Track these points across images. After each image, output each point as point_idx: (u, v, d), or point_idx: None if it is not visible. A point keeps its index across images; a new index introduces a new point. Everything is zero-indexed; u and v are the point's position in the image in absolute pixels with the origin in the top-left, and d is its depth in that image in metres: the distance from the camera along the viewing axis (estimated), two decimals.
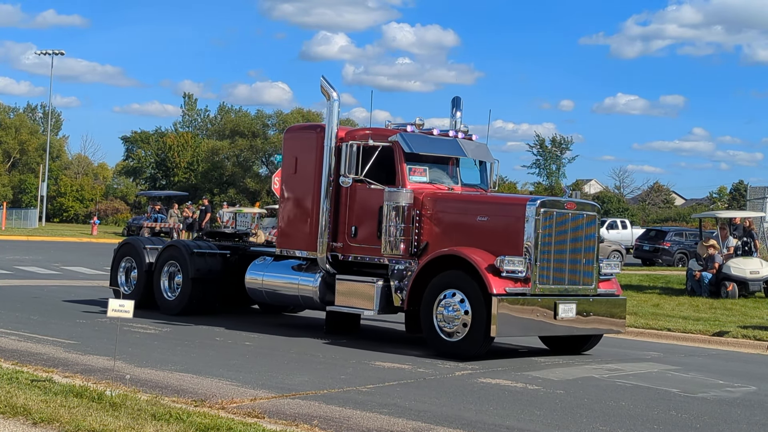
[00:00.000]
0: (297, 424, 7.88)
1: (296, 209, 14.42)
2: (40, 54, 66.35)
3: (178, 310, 15.41)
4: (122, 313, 8.91)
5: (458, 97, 15.42)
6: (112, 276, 16.74)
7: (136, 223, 49.38)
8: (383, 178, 13.24)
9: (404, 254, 12.87)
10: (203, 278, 15.37)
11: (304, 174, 14.14)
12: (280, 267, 14.46)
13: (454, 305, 12.00)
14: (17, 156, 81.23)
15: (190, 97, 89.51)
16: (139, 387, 9.02)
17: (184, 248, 15.59)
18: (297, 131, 15.53)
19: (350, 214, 13.58)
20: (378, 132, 13.63)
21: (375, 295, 13.00)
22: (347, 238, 13.59)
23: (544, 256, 12.15)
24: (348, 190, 13.52)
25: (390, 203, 12.82)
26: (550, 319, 12.14)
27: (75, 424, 7.25)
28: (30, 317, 14.46)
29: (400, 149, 13.20)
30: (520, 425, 8.38)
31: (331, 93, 13.70)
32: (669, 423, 8.82)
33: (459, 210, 13.10)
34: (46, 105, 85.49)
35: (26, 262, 26.39)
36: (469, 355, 11.87)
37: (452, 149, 13.79)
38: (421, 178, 13.42)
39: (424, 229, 12.93)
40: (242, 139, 70.20)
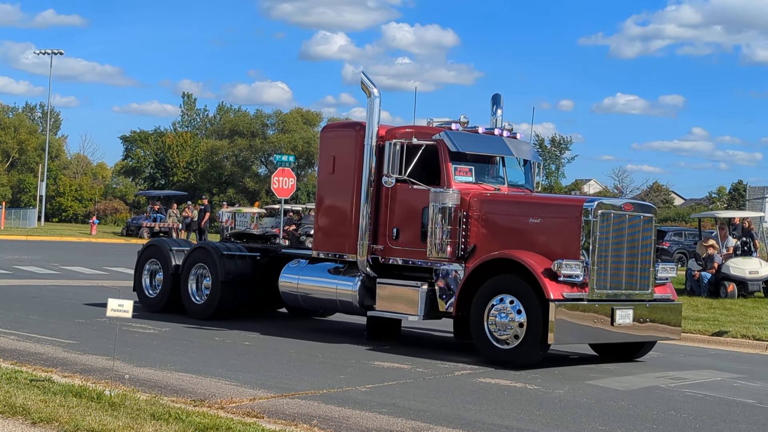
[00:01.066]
0: (296, 423, 7.88)
1: (334, 210, 13.98)
2: (39, 53, 66.36)
3: (207, 315, 14.92)
4: (121, 312, 8.90)
5: (498, 94, 14.86)
6: (136, 279, 16.27)
7: (136, 223, 49.41)
8: (426, 178, 12.77)
9: (451, 257, 12.37)
10: (233, 281, 14.88)
11: (342, 174, 13.64)
12: (316, 270, 13.97)
13: (508, 311, 11.53)
14: (16, 156, 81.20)
15: (189, 96, 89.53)
16: (138, 387, 9.02)
17: (213, 250, 15.07)
18: (335, 129, 14.99)
19: (391, 215, 13.12)
20: (421, 130, 13.14)
21: (419, 300, 12.51)
22: (388, 241, 13.12)
23: (601, 260, 11.69)
24: (389, 191, 13.07)
25: (436, 204, 12.34)
26: (607, 325, 11.65)
27: (74, 424, 7.24)
28: (29, 317, 14.45)
29: (445, 148, 12.72)
30: (519, 425, 8.38)
31: (371, 89, 13.26)
32: (669, 423, 8.82)
33: (509, 211, 12.60)
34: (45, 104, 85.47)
35: (25, 262, 26.38)
36: (524, 363, 11.40)
37: (499, 148, 13.34)
38: (466, 178, 12.93)
39: (471, 231, 12.44)
40: (241, 138, 70.19)
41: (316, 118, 72.66)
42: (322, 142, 14.49)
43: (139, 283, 16.22)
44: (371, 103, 13.24)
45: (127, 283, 21.37)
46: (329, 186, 14.04)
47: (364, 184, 13.18)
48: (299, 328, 14.54)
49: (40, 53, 66.07)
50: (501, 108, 14.58)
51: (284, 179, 26.70)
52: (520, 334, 11.43)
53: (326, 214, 14.15)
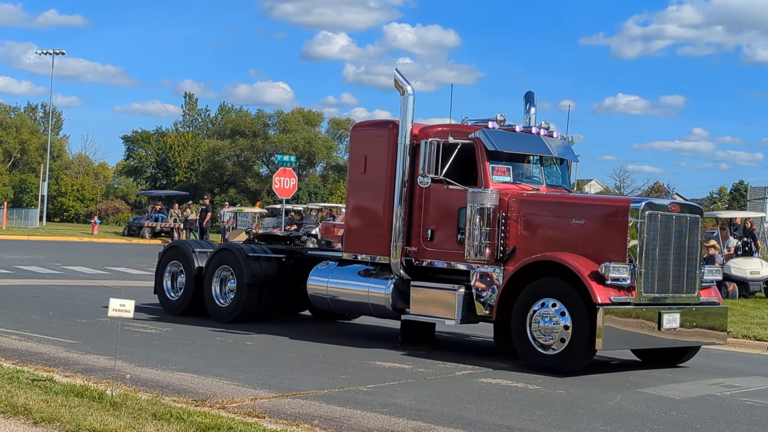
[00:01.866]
0: (297, 423, 7.88)
1: (366, 211, 13.63)
2: (41, 54, 66.38)
3: (232, 318, 14.57)
4: (123, 312, 8.91)
5: (531, 92, 14.36)
6: (157, 281, 15.88)
7: (137, 223, 49.44)
8: (461, 177, 12.40)
9: (489, 259, 12.00)
10: (259, 284, 14.54)
11: (374, 173, 13.27)
12: (345, 272, 13.57)
13: (552, 316, 11.17)
14: (18, 155, 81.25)
15: (190, 96, 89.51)
16: (139, 386, 9.02)
17: (238, 252, 14.70)
18: (366, 128, 14.37)
19: (425, 216, 12.75)
20: (457, 128, 12.71)
21: (456, 304, 12.15)
22: (422, 242, 12.76)
23: (648, 263, 11.31)
24: (423, 191, 12.71)
25: (474, 205, 11.99)
26: (654, 330, 11.31)
27: (76, 424, 7.25)
28: (30, 317, 14.46)
29: (482, 147, 12.33)
30: (520, 425, 8.38)
31: (405, 87, 12.83)
32: (669, 423, 8.82)
33: (551, 212, 12.20)
34: (46, 104, 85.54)
35: (27, 262, 26.40)
36: (569, 369, 11.08)
37: (537, 147, 12.97)
38: (504, 177, 12.53)
39: (510, 232, 12.05)
40: (243, 138, 70.21)
41: (318, 118, 72.72)
42: (353, 141, 14.13)
43: (160, 285, 15.85)
44: (405, 100, 12.84)
45: (129, 282, 21.45)
46: (360, 186, 13.67)
47: (398, 185, 12.84)
48: (300, 328, 14.54)
49: (42, 53, 66.11)
50: (534, 106, 14.16)
51: (285, 179, 26.73)
52: (566, 339, 11.07)
53: (357, 215, 13.83)
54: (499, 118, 12.87)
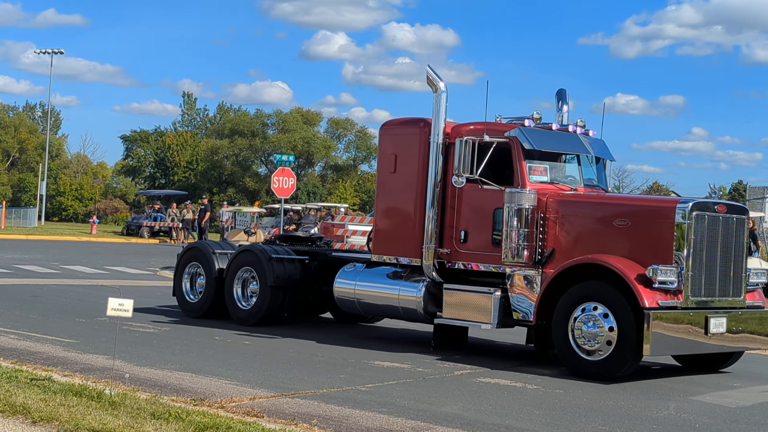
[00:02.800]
0: (296, 423, 7.88)
1: (396, 212, 13.23)
2: (40, 53, 66.35)
3: (255, 320, 14.27)
4: (121, 312, 8.90)
5: (563, 89, 14.02)
6: (176, 283, 15.55)
7: (136, 222, 49.42)
8: (496, 177, 12.04)
9: (527, 262, 11.64)
10: (282, 286, 14.21)
11: (405, 173, 12.92)
12: (374, 275, 13.22)
13: (596, 320, 10.81)
14: (16, 155, 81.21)
15: (189, 96, 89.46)
16: (138, 386, 9.02)
17: (261, 253, 14.35)
18: (396, 126, 13.69)
19: (459, 217, 12.39)
20: (493, 127, 12.30)
21: (492, 307, 11.82)
22: (455, 244, 12.39)
23: (695, 265, 10.98)
24: (456, 191, 12.35)
25: (511, 206, 11.61)
26: (701, 336, 10.95)
27: (74, 423, 7.25)
28: (29, 316, 14.46)
29: (519, 145, 11.97)
30: (519, 425, 8.38)
31: (438, 84, 12.47)
32: (668, 423, 8.82)
33: (592, 213, 11.85)
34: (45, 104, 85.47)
35: (25, 261, 26.38)
36: (615, 376, 10.72)
37: (575, 146, 12.65)
38: (541, 177, 12.16)
39: (548, 234, 11.70)
40: (241, 138, 70.19)
41: (316, 117, 72.69)
42: (383, 139, 13.65)
43: (179, 287, 15.50)
44: (437, 98, 12.49)
45: (127, 282, 21.45)
46: (390, 186, 13.27)
47: (430, 185, 12.49)
48: (300, 328, 14.51)
49: (40, 53, 66.09)
50: (567, 104, 13.79)
51: (284, 179, 26.72)
52: (611, 345, 10.73)
53: (387, 216, 13.43)
54: (536, 115, 12.55)
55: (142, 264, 27.78)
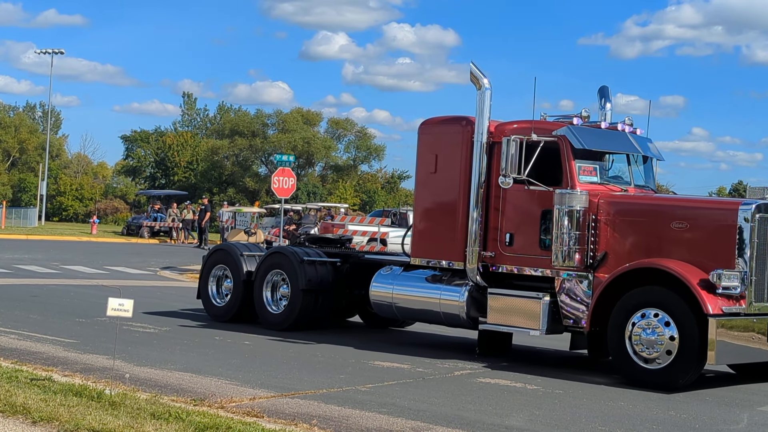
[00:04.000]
0: (296, 423, 7.89)
1: (437, 213, 12.76)
2: (40, 53, 66.32)
3: (286, 325, 13.87)
4: (121, 312, 8.91)
5: (606, 86, 13.50)
6: (201, 286, 15.15)
7: (136, 223, 49.40)
8: (543, 177, 11.63)
9: (579, 266, 11.23)
10: (315, 289, 13.81)
11: (446, 174, 12.49)
12: (412, 278, 12.84)
13: (656, 327, 10.41)
14: (17, 155, 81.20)
15: (189, 96, 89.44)
16: (138, 386, 9.03)
17: (292, 256, 13.94)
18: (437, 125, 13.10)
19: (504, 219, 11.96)
20: (540, 125, 11.88)
21: (541, 313, 11.38)
22: (500, 247, 11.96)
23: (759, 269, 10.55)
24: (502, 192, 11.93)
25: (562, 207, 11.20)
26: (764, 343, 10.60)
27: (74, 423, 7.25)
28: (29, 316, 14.46)
29: (568, 145, 11.55)
30: (519, 425, 8.39)
31: (481, 80, 12.09)
32: (668, 423, 8.83)
33: (648, 215, 11.37)
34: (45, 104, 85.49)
35: (26, 261, 26.38)
36: (676, 385, 10.30)
37: (624, 145, 12.24)
38: (590, 177, 11.72)
39: (600, 236, 11.29)
40: (241, 138, 70.16)
41: (316, 118, 72.66)
42: (422, 138, 13.05)
43: (205, 290, 15.09)
44: (481, 95, 12.08)
45: (128, 282, 21.45)
46: (430, 187, 12.81)
47: (474, 185, 12.05)
48: (300, 328, 14.50)
49: (40, 53, 66.05)
50: (610, 101, 13.30)
51: (284, 179, 26.69)
52: (671, 353, 10.33)
53: (427, 218, 12.95)
54: (584, 114, 12.18)
55: (143, 264, 27.78)
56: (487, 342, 12.43)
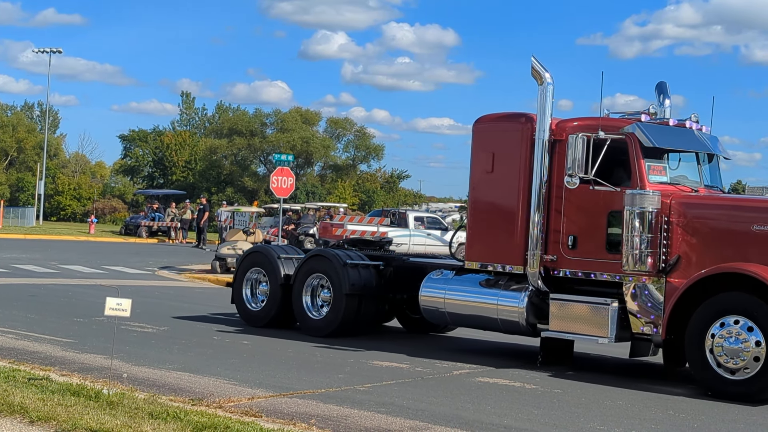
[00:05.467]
0: (294, 422, 7.87)
1: (494, 215, 12.21)
2: (38, 52, 66.30)
3: (328, 331, 13.39)
4: (119, 311, 8.89)
5: (664, 82, 12.75)
6: (235, 290, 14.68)
7: (134, 222, 49.38)
8: (608, 177, 11.17)
9: (651, 270, 10.68)
10: (359, 294, 13.33)
11: (505, 173, 11.97)
12: (466, 283, 12.33)
13: (739, 334, 9.96)
14: (14, 154, 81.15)
15: (187, 95, 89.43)
16: (136, 386, 9.01)
17: (334, 259, 13.46)
18: (494, 122, 12.52)
19: (566, 221, 11.48)
20: (608, 122, 11.36)
21: (609, 320, 10.87)
22: (563, 250, 11.48)
23: None
24: (565, 193, 11.45)
25: (632, 208, 10.64)
26: None
27: (72, 423, 7.24)
28: (27, 315, 14.44)
29: (637, 143, 11.08)
30: (518, 424, 8.38)
31: (543, 75, 11.64)
32: (667, 422, 8.82)
33: (725, 217, 10.88)
34: (43, 103, 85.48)
35: (23, 261, 26.36)
36: (762, 397, 9.86)
37: (694, 143, 11.74)
38: (660, 177, 11.23)
39: (673, 239, 10.76)
40: (240, 138, 70.16)
41: (315, 117, 72.64)
42: (478, 136, 12.46)
43: (239, 294, 14.62)
44: (543, 91, 11.61)
45: (126, 282, 21.43)
46: (487, 187, 12.26)
47: (535, 185, 11.55)
48: (299, 327, 14.48)
49: (38, 52, 66.02)
50: (669, 98, 12.57)
51: (283, 178, 26.66)
52: (758, 361, 9.87)
53: (483, 219, 12.34)
54: (651, 110, 11.71)
55: (141, 264, 27.76)
56: (551, 350, 11.91)
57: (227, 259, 25.31)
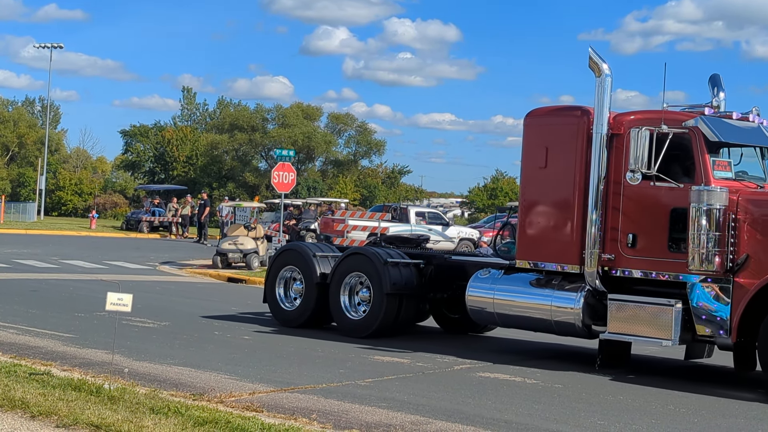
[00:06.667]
0: (295, 417, 7.88)
1: (548, 212, 11.80)
2: (39, 47, 66.24)
3: (368, 332, 12.98)
4: (120, 306, 8.90)
5: (717, 74, 12.37)
6: (268, 288, 14.25)
7: (135, 217, 49.35)
8: (670, 173, 10.75)
9: (719, 270, 10.24)
10: (400, 293, 12.96)
11: (559, 168, 11.54)
12: (516, 282, 11.94)
13: None
14: (16, 149, 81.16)
15: (188, 91, 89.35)
16: (137, 380, 9.02)
17: (374, 257, 13.06)
18: (548, 116, 12.09)
19: (625, 218, 11.07)
20: (670, 116, 10.92)
21: (673, 321, 10.45)
22: (621, 249, 11.06)
23: None
24: (622, 189, 11.05)
25: (699, 206, 10.21)
26: None
27: (73, 418, 7.24)
28: (28, 311, 14.45)
29: (701, 137, 10.64)
30: (518, 419, 8.38)
31: (601, 66, 11.20)
32: (667, 417, 8.82)
33: None
34: (44, 98, 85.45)
35: (25, 256, 26.36)
36: None
37: (759, 137, 11.26)
38: (725, 173, 10.78)
39: (741, 238, 10.32)
40: (241, 133, 70.14)
41: (316, 112, 72.62)
42: (530, 130, 12.00)
43: (272, 293, 14.18)
44: (601, 82, 11.18)
45: (127, 277, 21.45)
46: (540, 183, 11.82)
47: (593, 181, 11.15)
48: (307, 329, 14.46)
49: (40, 47, 65.95)
50: (723, 90, 12.20)
51: (284, 174, 26.64)
52: None
53: (536, 216, 11.91)
54: (715, 103, 11.36)
55: (142, 259, 27.76)
56: (611, 353, 11.47)
57: (228, 255, 25.34)
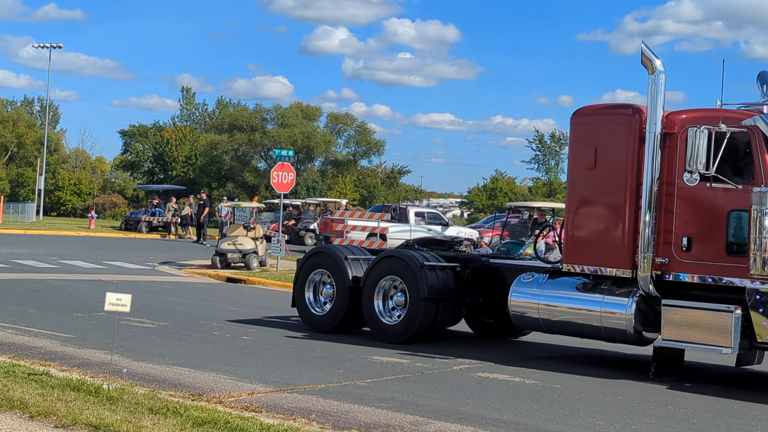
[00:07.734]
0: (294, 418, 7.87)
1: (598, 214, 11.44)
2: (38, 47, 66.22)
3: (404, 337, 12.61)
4: (119, 306, 8.89)
5: (766, 71, 11.91)
6: (297, 292, 13.88)
7: (134, 217, 49.35)
8: (726, 173, 10.42)
9: None
10: (436, 297, 12.57)
11: (609, 169, 11.20)
12: (563, 287, 11.57)
13: None
14: (15, 149, 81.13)
15: (188, 91, 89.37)
16: (136, 381, 9.02)
17: (410, 260, 12.67)
18: (596, 114, 11.71)
19: (679, 220, 10.75)
20: (728, 114, 10.59)
21: (732, 328, 10.10)
22: (675, 252, 10.73)
23: None
24: (676, 191, 10.74)
25: (762, 207, 9.90)
26: None
27: (72, 418, 7.24)
28: (27, 311, 14.44)
29: (761, 136, 10.32)
30: (517, 419, 8.38)
31: (654, 62, 10.84)
32: (666, 417, 8.82)
33: None
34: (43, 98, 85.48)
35: (23, 256, 26.35)
36: None
37: None
38: None
39: None
40: (240, 133, 70.14)
41: (316, 112, 72.63)
42: (577, 129, 11.66)
43: (301, 297, 13.81)
44: (654, 80, 10.81)
45: (126, 277, 21.44)
46: (588, 184, 11.47)
47: (647, 183, 10.78)
48: (297, 323, 14.46)
49: (38, 47, 65.95)
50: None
51: (284, 174, 26.65)
52: None
53: (585, 219, 11.56)
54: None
55: (141, 259, 27.75)
56: (664, 360, 11.16)
57: (227, 255, 25.35)
